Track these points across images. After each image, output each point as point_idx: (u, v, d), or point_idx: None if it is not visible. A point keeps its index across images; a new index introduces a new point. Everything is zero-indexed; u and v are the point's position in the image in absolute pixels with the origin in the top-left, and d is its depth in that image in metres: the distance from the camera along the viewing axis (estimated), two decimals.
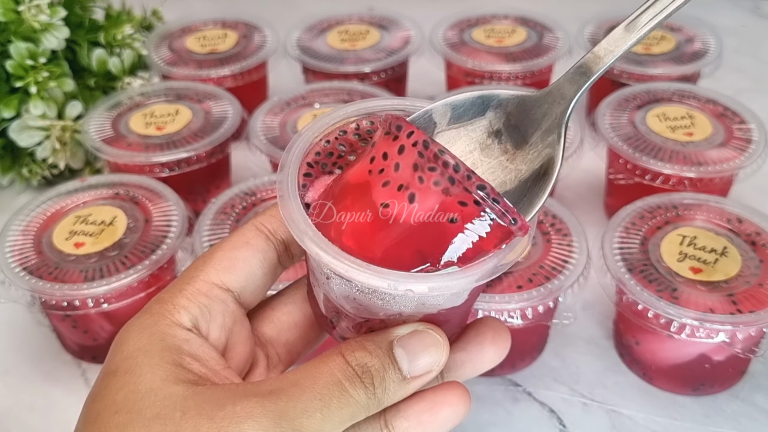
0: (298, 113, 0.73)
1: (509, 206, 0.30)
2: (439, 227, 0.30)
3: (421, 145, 0.30)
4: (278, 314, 0.37)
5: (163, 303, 0.33)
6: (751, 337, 0.50)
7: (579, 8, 0.99)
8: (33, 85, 0.70)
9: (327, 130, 0.35)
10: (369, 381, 0.31)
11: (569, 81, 0.33)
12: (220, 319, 0.34)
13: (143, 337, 0.31)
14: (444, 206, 0.30)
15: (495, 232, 0.30)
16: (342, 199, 0.31)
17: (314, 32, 0.89)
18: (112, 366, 0.31)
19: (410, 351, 0.32)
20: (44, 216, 0.59)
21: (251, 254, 0.35)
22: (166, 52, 0.85)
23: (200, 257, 0.35)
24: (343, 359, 0.31)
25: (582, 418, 0.54)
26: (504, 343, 0.37)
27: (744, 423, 0.53)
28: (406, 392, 0.32)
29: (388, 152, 0.31)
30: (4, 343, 0.61)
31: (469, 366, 0.36)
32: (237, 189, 0.62)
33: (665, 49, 0.82)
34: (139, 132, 0.69)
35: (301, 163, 0.34)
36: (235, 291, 0.34)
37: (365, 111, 0.36)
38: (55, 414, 0.55)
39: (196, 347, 0.32)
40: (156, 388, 0.29)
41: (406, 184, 0.30)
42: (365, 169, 0.31)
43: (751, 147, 0.65)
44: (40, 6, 0.71)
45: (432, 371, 0.32)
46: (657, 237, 0.55)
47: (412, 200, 0.30)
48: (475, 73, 0.80)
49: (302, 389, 0.30)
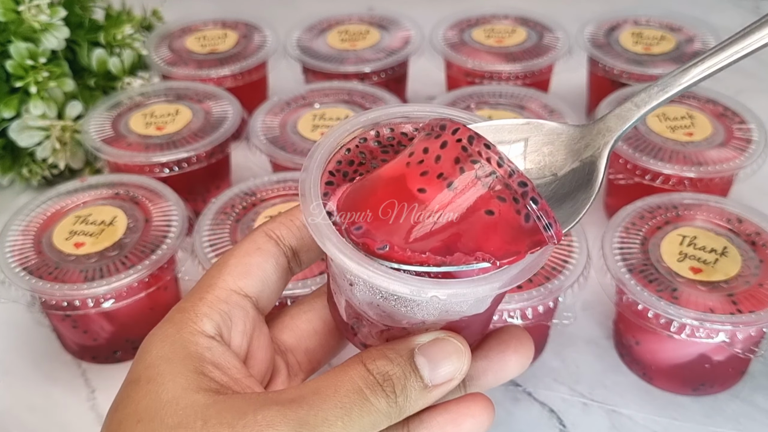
0: (298, 113, 0.73)
1: (548, 210, 0.30)
2: (474, 218, 0.29)
3: (466, 140, 0.30)
4: (297, 322, 0.38)
5: (184, 312, 0.33)
6: (751, 337, 0.50)
7: (579, 8, 0.99)
8: (33, 85, 0.70)
9: (346, 138, 0.35)
10: (390, 389, 0.30)
11: (616, 116, 0.33)
12: (241, 326, 0.34)
13: (165, 345, 0.32)
14: (483, 199, 0.29)
15: (529, 234, 0.30)
16: (373, 192, 0.31)
17: (314, 32, 0.89)
18: (134, 375, 0.31)
19: (432, 359, 0.31)
20: (44, 216, 0.59)
21: (264, 259, 0.35)
22: (166, 52, 0.85)
23: (214, 265, 0.35)
24: (364, 367, 0.31)
25: (582, 418, 0.54)
26: (527, 351, 0.36)
27: (744, 423, 0.53)
28: (428, 401, 0.32)
29: (429, 147, 0.31)
30: (4, 343, 0.61)
31: (492, 374, 0.36)
32: (237, 189, 0.62)
33: (665, 49, 0.82)
34: (139, 132, 0.69)
35: (323, 171, 0.33)
36: (253, 296, 0.35)
37: (386, 118, 0.35)
38: (55, 414, 0.55)
39: (218, 355, 0.32)
40: (178, 396, 0.29)
41: (446, 174, 0.30)
42: (402, 163, 0.31)
43: (751, 147, 0.65)
44: (40, 6, 0.71)
45: (454, 379, 0.32)
46: (657, 237, 0.55)
47: (451, 188, 0.30)
48: (475, 73, 0.80)
49: (323, 398, 0.29)
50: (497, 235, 0.30)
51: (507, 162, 0.30)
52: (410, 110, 0.36)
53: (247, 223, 0.58)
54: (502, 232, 0.30)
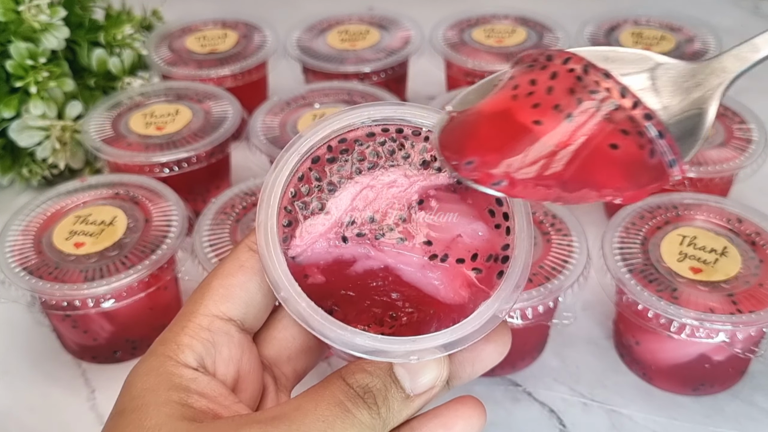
0: (298, 113, 0.73)
1: (674, 144, 0.28)
2: (598, 152, 0.27)
3: (581, 69, 0.28)
4: (274, 333, 0.37)
5: (166, 344, 0.33)
6: (751, 337, 0.50)
7: (579, 8, 0.99)
8: (33, 85, 0.70)
9: (298, 164, 0.33)
10: (372, 401, 0.30)
11: (734, 57, 0.31)
12: (226, 352, 0.33)
13: (150, 378, 0.31)
14: (606, 132, 0.27)
15: (653, 169, 0.28)
16: (477, 129, 0.28)
17: (314, 32, 0.89)
18: (120, 406, 0.31)
19: (411, 369, 0.31)
20: (44, 216, 0.59)
21: (247, 278, 0.34)
22: (166, 52, 0.85)
23: (198, 289, 0.35)
24: (344, 382, 0.31)
25: (582, 418, 0.54)
26: (502, 339, 0.35)
27: (744, 423, 0.53)
28: (411, 410, 0.32)
29: (537, 79, 0.28)
30: (4, 343, 0.61)
31: (469, 365, 0.36)
32: (237, 189, 0.62)
33: (665, 49, 0.82)
34: (139, 132, 0.69)
35: (279, 209, 0.32)
36: (237, 319, 0.34)
37: (338, 125, 0.33)
38: (55, 414, 0.55)
39: (204, 385, 0.32)
40: (161, 423, 0.29)
41: (563, 106, 0.28)
42: (507, 96, 0.28)
43: (751, 147, 0.65)
44: (40, 6, 0.71)
45: (435, 387, 0.32)
46: (657, 237, 0.55)
47: (570, 119, 0.28)
48: (475, 73, 0.80)
49: (304, 413, 0.29)
50: (619, 170, 0.27)
51: (630, 93, 0.28)
52: (350, 115, 0.34)
53: (247, 223, 0.58)
54: (625, 167, 0.27)
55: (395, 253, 0.31)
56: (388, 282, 0.31)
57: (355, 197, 0.32)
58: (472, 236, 0.31)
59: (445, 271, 0.31)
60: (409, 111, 0.33)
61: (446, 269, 0.31)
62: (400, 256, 0.31)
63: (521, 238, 0.31)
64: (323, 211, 0.32)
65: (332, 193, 0.32)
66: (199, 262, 0.55)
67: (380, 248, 0.31)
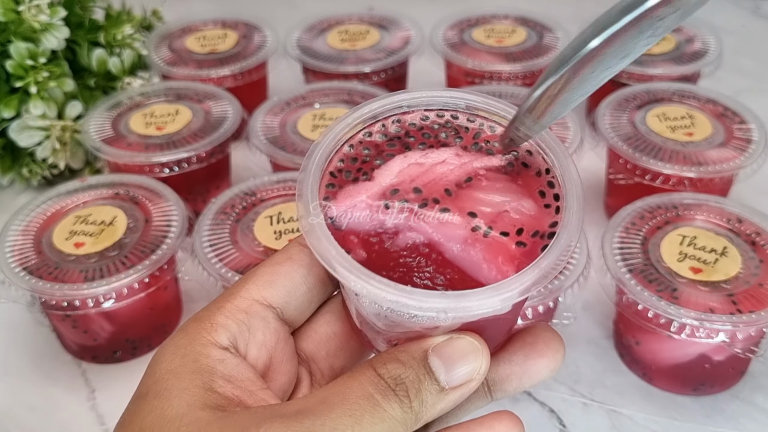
0: (298, 113, 0.73)
1: None
2: None
3: None
4: (315, 326, 0.36)
5: (199, 321, 0.32)
6: (751, 337, 0.50)
7: (579, 8, 0.99)
8: (33, 85, 0.70)
9: (348, 134, 0.33)
10: (404, 393, 0.29)
11: None
12: (260, 337, 0.32)
13: (176, 358, 0.31)
14: None
15: None
16: None
17: (314, 32, 0.89)
18: (143, 389, 0.31)
19: (447, 359, 0.30)
20: (44, 216, 0.59)
21: (293, 269, 0.33)
22: (166, 52, 0.85)
23: (245, 274, 0.34)
24: (375, 372, 0.29)
25: (582, 418, 0.54)
26: (555, 354, 0.34)
27: (744, 423, 0.53)
28: (445, 404, 0.30)
29: None
30: (4, 343, 0.61)
31: (516, 379, 0.34)
32: (237, 189, 0.62)
33: (665, 49, 0.82)
34: (139, 132, 0.69)
35: (323, 172, 0.32)
36: (277, 307, 0.33)
37: (385, 108, 0.34)
38: (55, 414, 0.55)
39: (231, 367, 0.31)
40: (182, 413, 0.29)
41: None
42: None
43: (751, 147, 0.65)
44: (40, 6, 0.71)
45: (472, 380, 0.30)
46: (657, 237, 0.55)
47: None
48: (475, 73, 0.80)
49: (330, 406, 0.28)
50: None
51: None
52: (407, 98, 0.35)
53: (247, 223, 0.58)
54: None
55: (437, 224, 0.31)
56: (431, 261, 0.30)
57: (402, 170, 0.32)
58: (519, 212, 0.31)
59: (488, 246, 0.30)
60: (478, 99, 0.34)
61: (489, 244, 0.30)
62: (442, 227, 0.31)
63: (570, 215, 0.31)
64: (367, 178, 0.32)
65: (379, 165, 0.33)
66: (199, 262, 0.55)
67: (423, 218, 0.31)
